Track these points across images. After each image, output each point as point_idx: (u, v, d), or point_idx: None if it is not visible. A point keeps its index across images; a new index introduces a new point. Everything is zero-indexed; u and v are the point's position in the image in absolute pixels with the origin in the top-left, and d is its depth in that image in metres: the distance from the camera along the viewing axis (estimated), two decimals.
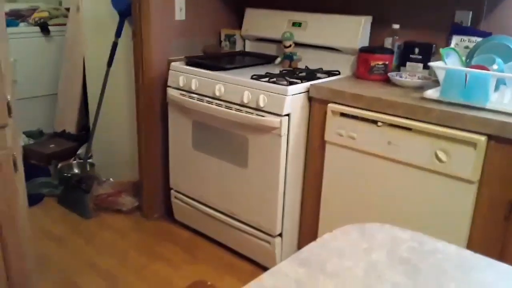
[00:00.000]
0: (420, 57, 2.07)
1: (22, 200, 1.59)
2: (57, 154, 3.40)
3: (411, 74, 2.04)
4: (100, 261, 2.30)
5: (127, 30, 2.64)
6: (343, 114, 1.88)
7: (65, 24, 3.64)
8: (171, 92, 2.36)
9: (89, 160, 3.02)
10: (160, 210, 2.73)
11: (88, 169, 2.99)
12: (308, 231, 2.17)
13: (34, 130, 3.74)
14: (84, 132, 3.69)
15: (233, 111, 2.09)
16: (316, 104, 1.99)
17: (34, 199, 2.79)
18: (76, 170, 3.13)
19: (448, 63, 1.77)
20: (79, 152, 3.41)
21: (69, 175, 3.05)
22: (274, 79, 2.05)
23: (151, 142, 2.59)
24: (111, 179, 2.94)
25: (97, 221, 2.67)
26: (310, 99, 2.00)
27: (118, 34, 2.64)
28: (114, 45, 2.66)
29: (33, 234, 1.76)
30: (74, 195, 2.80)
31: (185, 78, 2.28)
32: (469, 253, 0.87)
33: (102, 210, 2.76)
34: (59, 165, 3.15)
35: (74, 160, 3.30)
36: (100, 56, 2.88)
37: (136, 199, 2.78)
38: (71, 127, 3.70)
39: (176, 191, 2.57)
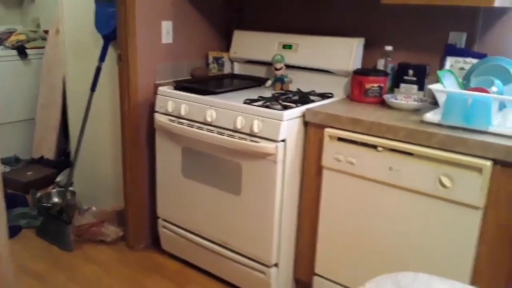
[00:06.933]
0: (415, 78, 2.04)
1: (3, 239, 1.47)
2: (35, 182, 3.24)
3: (406, 96, 2.01)
4: None
5: (111, 54, 2.55)
6: (340, 139, 1.82)
7: (43, 47, 3.53)
8: (159, 117, 2.27)
9: (69, 188, 2.87)
10: (146, 240, 2.60)
11: (69, 197, 2.84)
12: (305, 261, 2.08)
13: (10, 157, 3.57)
14: (63, 158, 3.54)
15: (226, 137, 2.01)
16: (312, 129, 1.93)
17: (11, 232, 2.59)
18: (55, 199, 2.97)
19: (445, 85, 1.74)
20: (58, 179, 3.25)
21: (48, 204, 2.88)
22: (268, 103, 1.98)
23: (137, 169, 2.47)
24: (93, 208, 2.80)
25: (79, 254, 2.52)
26: (305, 123, 1.94)
27: (102, 58, 2.54)
28: (98, 70, 2.56)
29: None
30: (54, 226, 2.64)
31: (173, 103, 2.20)
32: None
33: (84, 241, 2.61)
34: (38, 194, 2.99)
35: (54, 188, 3.14)
36: (82, 80, 2.77)
37: (121, 229, 2.64)
38: (49, 153, 3.54)
39: (164, 220, 2.45)
